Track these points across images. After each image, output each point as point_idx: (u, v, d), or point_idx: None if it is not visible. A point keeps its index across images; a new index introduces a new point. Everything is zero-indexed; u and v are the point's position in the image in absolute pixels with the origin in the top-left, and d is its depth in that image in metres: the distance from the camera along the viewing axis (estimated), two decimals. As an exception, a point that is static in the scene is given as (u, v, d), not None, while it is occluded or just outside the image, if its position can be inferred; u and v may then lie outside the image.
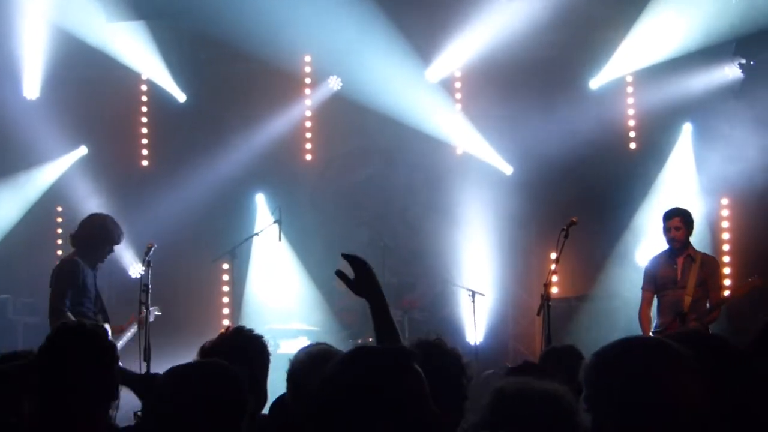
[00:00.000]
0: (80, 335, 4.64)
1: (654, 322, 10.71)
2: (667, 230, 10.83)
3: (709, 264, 10.89)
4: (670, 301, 10.68)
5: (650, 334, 10.34)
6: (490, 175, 14.40)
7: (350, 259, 4.59)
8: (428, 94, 14.46)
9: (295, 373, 4.98)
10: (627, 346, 2.99)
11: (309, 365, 4.84)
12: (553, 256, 10.12)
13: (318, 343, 5.27)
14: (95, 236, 9.96)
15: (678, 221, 10.75)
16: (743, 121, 12.87)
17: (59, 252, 15.23)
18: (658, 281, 10.83)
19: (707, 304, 10.65)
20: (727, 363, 3.21)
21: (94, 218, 10.21)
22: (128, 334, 9.91)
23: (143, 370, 8.83)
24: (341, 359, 3.39)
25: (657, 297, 10.82)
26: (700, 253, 10.89)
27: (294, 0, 13.76)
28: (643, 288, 10.93)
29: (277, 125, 14.78)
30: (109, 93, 14.96)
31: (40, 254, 15.05)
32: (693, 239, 10.79)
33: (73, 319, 9.38)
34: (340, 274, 4.57)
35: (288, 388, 5.02)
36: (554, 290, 11.03)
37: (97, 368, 4.53)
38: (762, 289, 13.16)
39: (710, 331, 10.13)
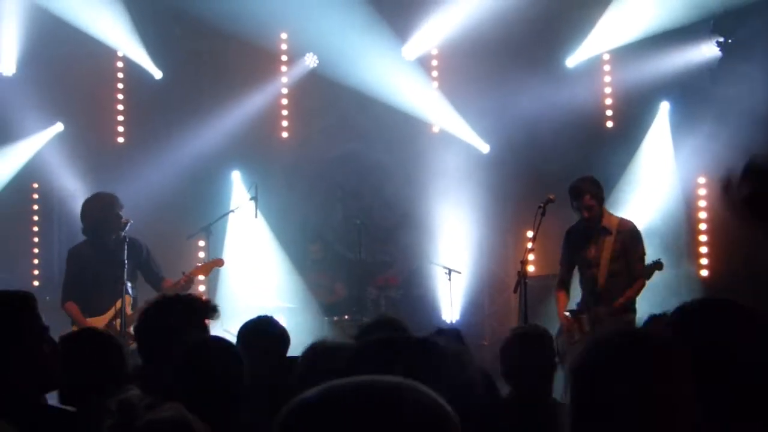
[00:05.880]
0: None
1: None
2: (578, 210, 9.88)
3: (625, 231, 9.95)
4: (586, 282, 10.00)
5: (565, 313, 9.97)
6: (466, 153, 14.39)
7: None
8: (405, 72, 14.40)
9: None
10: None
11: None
12: (530, 234, 10.14)
13: None
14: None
15: (588, 198, 9.80)
16: (720, 100, 12.87)
17: (35, 228, 15.19)
18: (575, 259, 10.14)
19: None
20: None
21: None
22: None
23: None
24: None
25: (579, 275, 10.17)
26: (616, 219, 10.11)
27: (270, -24, 13.73)
28: (560, 263, 10.35)
29: (253, 102, 14.70)
30: (84, 69, 14.86)
31: (16, 231, 15.00)
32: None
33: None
34: None
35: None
36: (531, 268, 10.99)
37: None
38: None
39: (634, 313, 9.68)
